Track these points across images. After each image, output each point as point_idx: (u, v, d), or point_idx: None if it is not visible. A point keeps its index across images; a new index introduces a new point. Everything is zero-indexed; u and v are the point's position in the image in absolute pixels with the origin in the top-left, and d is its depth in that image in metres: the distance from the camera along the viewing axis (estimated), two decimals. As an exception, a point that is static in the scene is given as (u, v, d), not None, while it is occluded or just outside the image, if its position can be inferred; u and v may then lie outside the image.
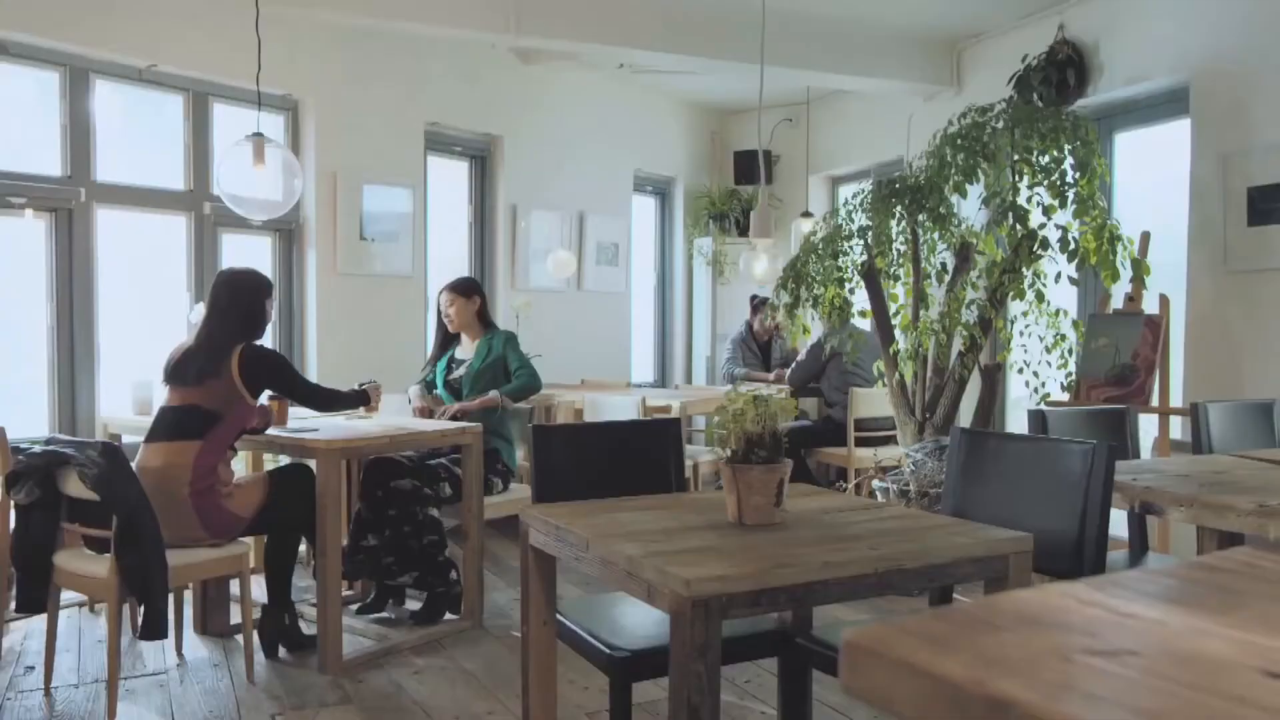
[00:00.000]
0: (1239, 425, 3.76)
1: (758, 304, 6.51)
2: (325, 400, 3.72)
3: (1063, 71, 5.21)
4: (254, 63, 3.73)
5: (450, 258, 6.39)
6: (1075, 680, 0.47)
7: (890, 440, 5.18)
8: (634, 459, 2.77)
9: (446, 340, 4.42)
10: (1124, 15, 5.04)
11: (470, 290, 4.37)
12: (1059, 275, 4.25)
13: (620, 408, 4.92)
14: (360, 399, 3.83)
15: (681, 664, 1.71)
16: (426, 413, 4.27)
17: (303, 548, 3.73)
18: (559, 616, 2.38)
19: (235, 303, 3.42)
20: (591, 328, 6.86)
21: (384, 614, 3.94)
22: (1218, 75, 4.59)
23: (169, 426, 3.29)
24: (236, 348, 3.33)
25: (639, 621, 2.39)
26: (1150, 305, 4.67)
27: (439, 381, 4.38)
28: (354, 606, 3.97)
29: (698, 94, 7.49)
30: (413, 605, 3.94)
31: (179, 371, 3.34)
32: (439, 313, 4.41)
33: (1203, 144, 4.66)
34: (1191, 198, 4.72)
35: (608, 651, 2.20)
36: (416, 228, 5.90)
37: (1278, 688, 0.48)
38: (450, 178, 6.42)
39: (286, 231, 5.49)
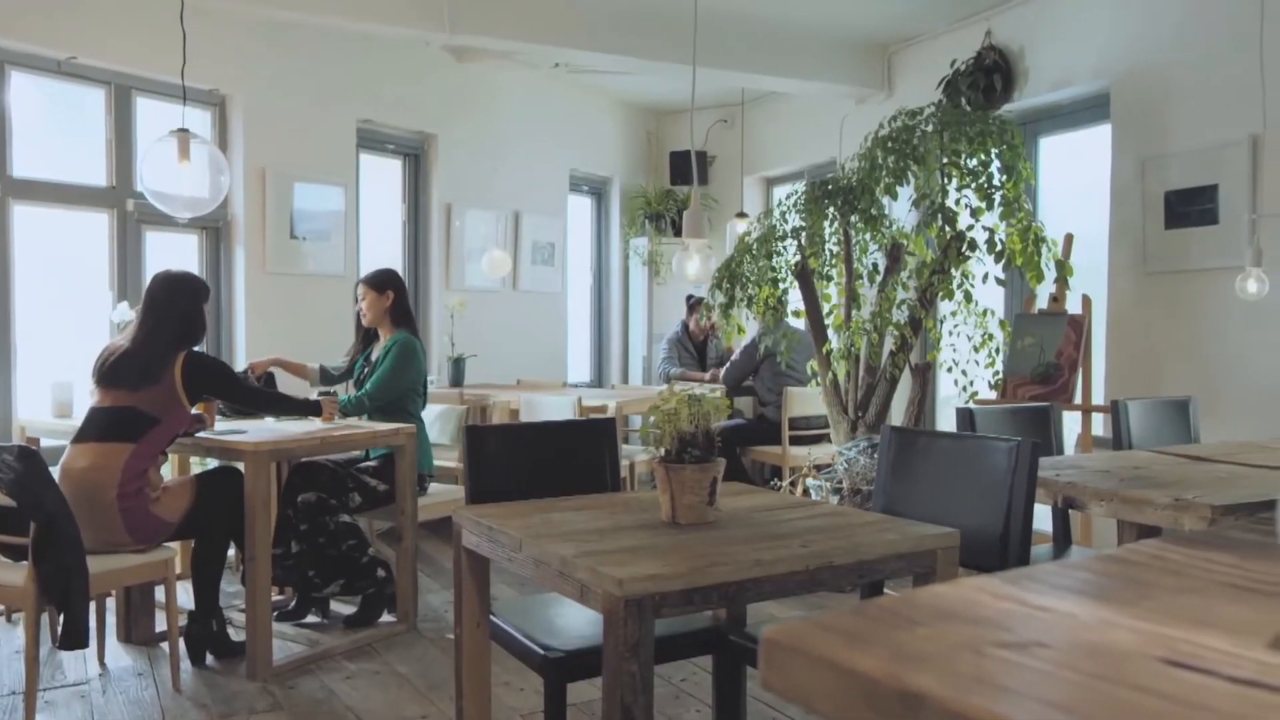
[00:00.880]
0: (1157, 422, 3.88)
1: (693, 304, 6.54)
2: (269, 402, 3.68)
3: (990, 76, 5.32)
4: (179, 56, 3.64)
5: (383, 257, 6.31)
6: (986, 673, 0.48)
7: (824, 439, 5.25)
8: (568, 459, 2.77)
9: (368, 336, 4.26)
10: (1047, 22, 5.17)
11: (384, 284, 4.16)
12: (986, 276, 4.34)
13: (556, 408, 4.90)
14: (311, 408, 3.76)
15: (614, 663, 1.71)
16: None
17: (231, 552, 3.65)
18: (493, 618, 2.37)
19: (173, 306, 3.35)
20: (527, 328, 6.83)
21: (313, 619, 3.87)
22: (1136, 82, 4.73)
23: (101, 427, 3.20)
24: (180, 354, 3.28)
25: (574, 622, 2.39)
26: (1073, 305, 4.79)
27: (354, 380, 4.26)
28: (276, 611, 3.89)
29: (634, 94, 7.50)
30: (346, 609, 3.88)
31: (115, 373, 3.25)
32: (355, 306, 4.26)
33: (1123, 149, 4.80)
34: (1112, 201, 4.85)
35: (542, 652, 2.19)
36: (348, 226, 5.81)
37: (1178, 676, 0.50)
38: (383, 176, 6.34)
39: (214, 229, 5.37)
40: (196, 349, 3.39)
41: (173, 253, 5.13)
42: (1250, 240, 3.98)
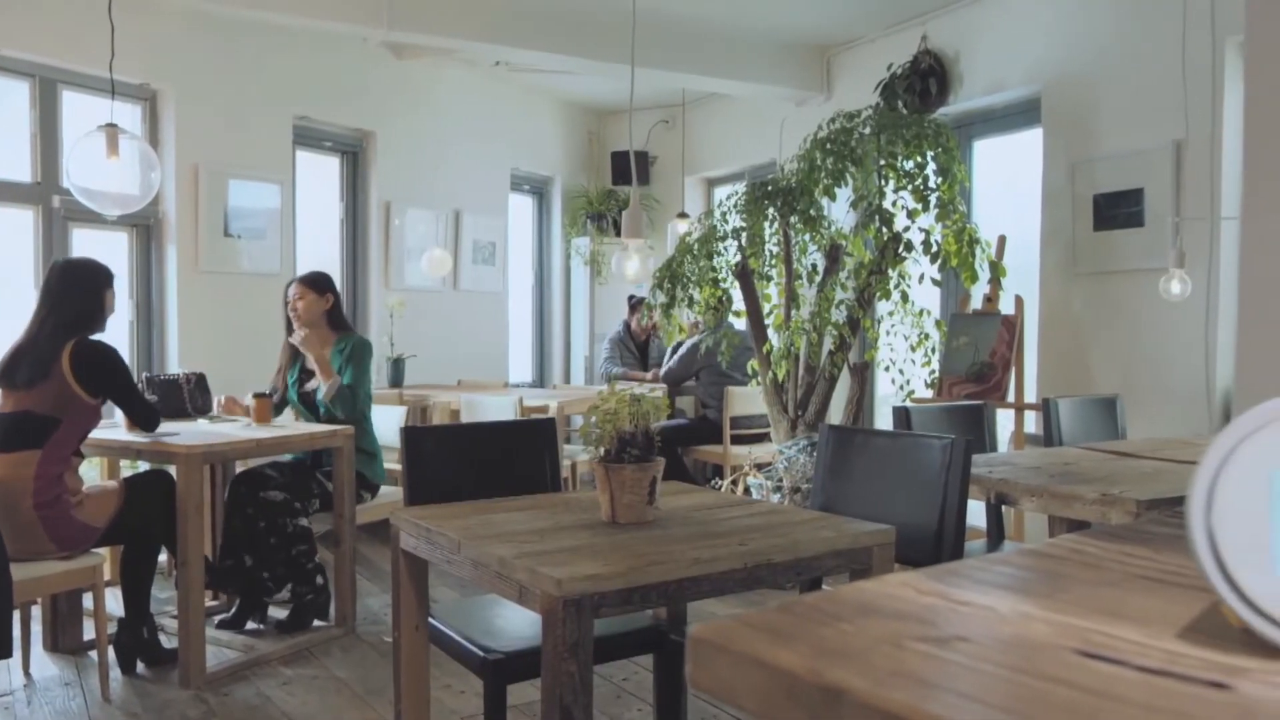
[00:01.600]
0: (1086, 419, 3.98)
1: (635, 303, 6.56)
2: (147, 418, 3.40)
3: (925, 80, 5.41)
4: (107, 49, 3.55)
5: (321, 255, 6.22)
6: (906, 667, 0.49)
7: (765, 438, 5.29)
8: (508, 460, 2.76)
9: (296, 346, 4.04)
10: (981, 28, 5.28)
11: (325, 286, 4.02)
12: (922, 277, 4.42)
13: (497, 408, 4.88)
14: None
15: (553, 664, 1.71)
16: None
17: (163, 557, 3.57)
18: (432, 621, 2.35)
19: (69, 294, 3.17)
20: (468, 328, 6.79)
21: (250, 625, 3.80)
22: (1066, 88, 4.85)
23: (6, 435, 3.06)
24: (68, 344, 3.10)
25: (514, 623, 2.38)
26: (1007, 306, 4.90)
27: (293, 395, 4.07)
28: (216, 619, 3.82)
29: (576, 94, 7.49)
30: (281, 613, 3.82)
31: (11, 372, 3.10)
32: (285, 307, 4.04)
33: (1053, 152, 4.91)
34: (1043, 203, 4.97)
35: (481, 654, 2.18)
36: (285, 224, 5.72)
37: (1090, 666, 0.52)
38: (320, 173, 6.25)
39: (144, 227, 5.25)
40: (91, 338, 3.18)
41: (102, 250, 4.99)
42: (1173, 242, 4.10)
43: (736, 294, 4.79)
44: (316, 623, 3.78)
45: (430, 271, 6.32)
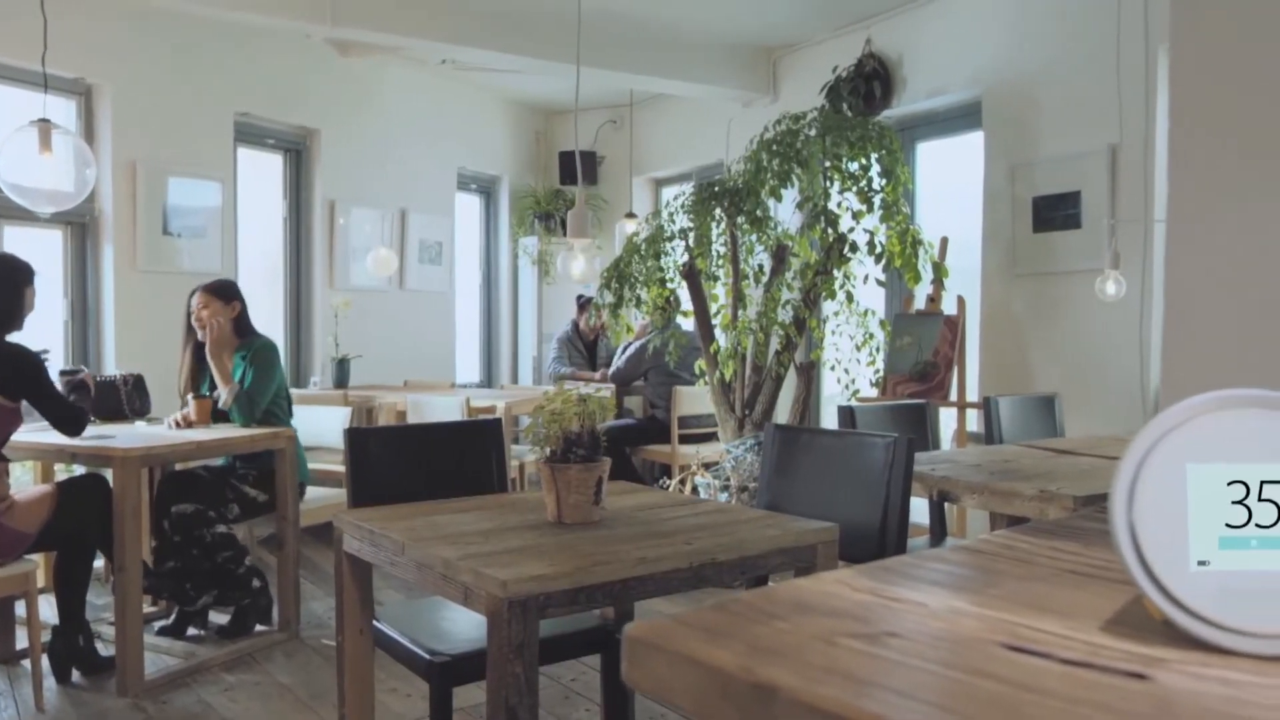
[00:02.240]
0: (1026, 417, 4.06)
1: (584, 302, 6.55)
2: (68, 419, 3.25)
3: (869, 83, 5.48)
4: (39, 42, 3.45)
5: (263, 254, 6.13)
6: (837, 663, 0.50)
7: (713, 437, 5.32)
8: (455, 460, 2.74)
9: (200, 350, 3.89)
10: (924, 33, 5.35)
11: (232, 294, 3.91)
12: (867, 277, 4.47)
13: (444, 409, 4.84)
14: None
15: (499, 665, 1.71)
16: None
17: (99, 563, 3.49)
18: (377, 624, 2.33)
19: None
20: (414, 328, 6.73)
21: (190, 631, 3.73)
22: (1006, 92, 4.94)
23: None
24: None
25: (460, 625, 2.37)
26: (949, 306, 4.98)
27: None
28: (156, 625, 3.75)
29: (523, 93, 7.47)
30: (222, 619, 3.76)
31: None
32: (188, 317, 3.90)
33: (994, 155, 5.00)
34: (984, 205, 5.06)
35: (427, 657, 2.17)
36: (226, 223, 5.62)
37: (1016, 659, 0.53)
38: (263, 171, 6.15)
39: (79, 225, 5.13)
40: (8, 339, 3.09)
41: (35, 248, 4.87)
42: (1109, 244, 4.20)
43: (684, 294, 4.81)
44: (259, 627, 3.72)
45: (376, 271, 6.26)
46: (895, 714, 0.43)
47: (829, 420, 6.06)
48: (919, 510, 4.34)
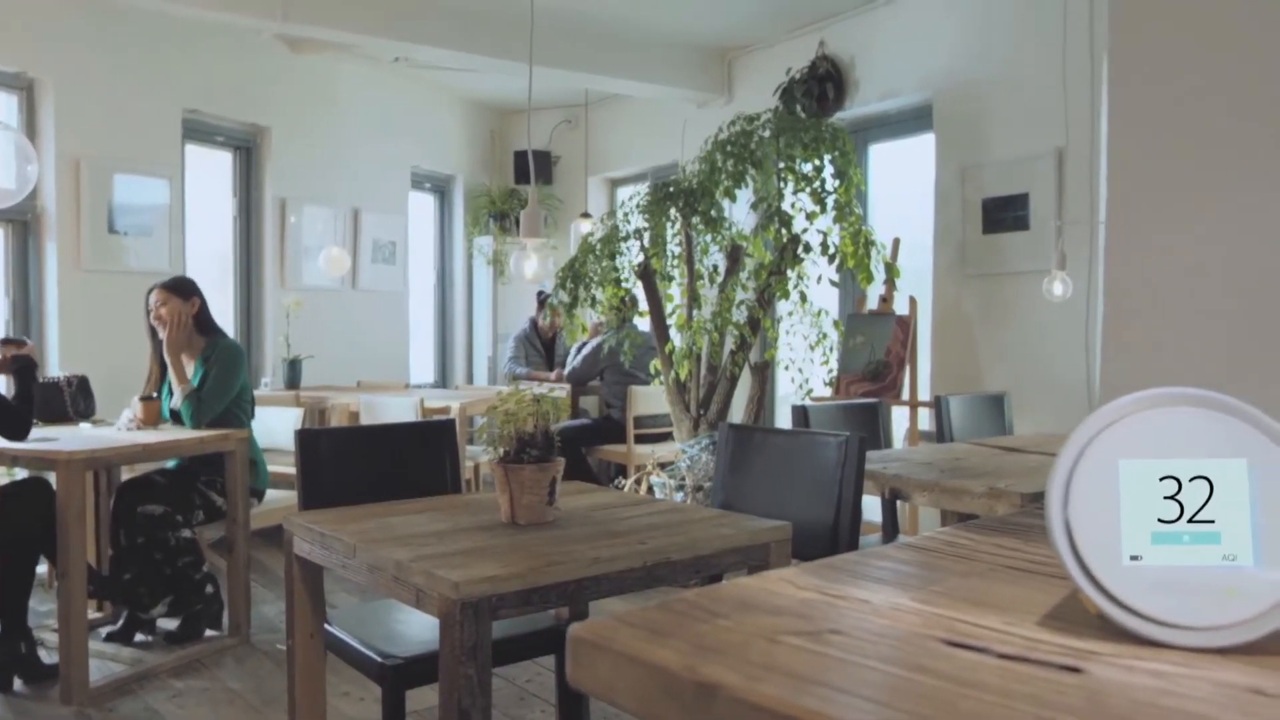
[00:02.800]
0: (976, 415, 4.12)
1: (544, 299, 6.52)
2: (21, 428, 3.16)
3: (823, 85, 5.53)
4: (-22, 36, 3.38)
5: (213, 253, 6.04)
6: (779, 661, 0.51)
7: (668, 437, 5.33)
8: (408, 462, 2.72)
9: (163, 350, 3.81)
10: (876, 36, 5.41)
11: (190, 290, 3.82)
12: (820, 277, 4.51)
13: (398, 409, 4.80)
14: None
15: (451, 668, 1.70)
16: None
17: (43, 568, 3.41)
18: (329, 627, 2.30)
19: None
20: (368, 328, 6.67)
21: (139, 637, 3.66)
22: (956, 95, 5.01)
23: None
24: None
25: (414, 627, 2.35)
26: (901, 306, 5.04)
27: (164, 408, 3.84)
28: (103, 631, 3.67)
29: (478, 92, 7.43)
30: (169, 625, 3.69)
31: None
32: (148, 316, 3.81)
33: (945, 157, 5.07)
34: (936, 207, 5.12)
35: (379, 660, 2.15)
36: (174, 221, 5.52)
37: (954, 655, 0.54)
38: (212, 168, 6.06)
39: (21, 222, 5.01)
40: None
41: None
42: (1056, 245, 4.27)
43: (639, 294, 4.81)
44: (209, 632, 3.66)
45: (328, 270, 6.19)
46: (833, 710, 0.44)
47: (783, 419, 6.10)
48: (872, 508, 4.39)
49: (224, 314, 6.03)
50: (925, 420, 4.94)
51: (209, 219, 6.02)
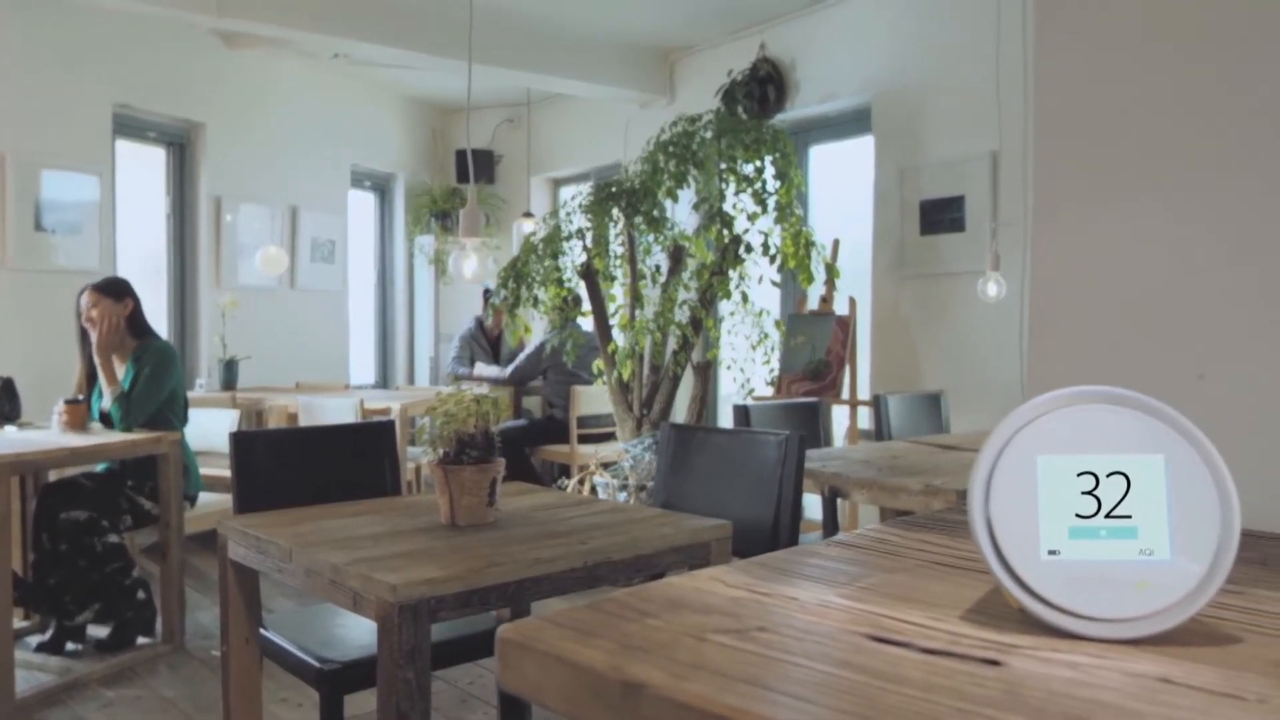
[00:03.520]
0: (914, 414, 4.19)
1: (491, 297, 6.47)
2: None
3: (764, 87, 5.57)
4: (-105, 26, 3.26)
5: (145, 252, 5.90)
6: (705, 659, 0.51)
7: (611, 436, 5.33)
8: (346, 464, 2.69)
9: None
10: (816, 39, 5.47)
11: (122, 291, 3.73)
12: (761, 278, 4.55)
13: (337, 410, 4.74)
14: None
15: (389, 671, 1.68)
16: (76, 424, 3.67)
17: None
18: (266, 632, 2.26)
19: None
20: (306, 327, 6.56)
21: (69, 645, 3.57)
22: (894, 98, 5.08)
23: None
24: None
25: (353, 631, 2.32)
26: (841, 306, 5.10)
27: (95, 410, 3.76)
28: (32, 641, 3.57)
29: (419, 90, 7.35)
30: (99, 633, 3.60)
31: None
32: (79, 318, 3.72)
33: (883, 159, 5.14)
34: (875, 208, 5.19)
35: (317, 665, 2.12)
36: (104, 218, 5.39)
37: (878, 650, 0.55)
38: (145, 165, 5.92)
39: (-57, 220, 4.85)
40: None
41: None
42: (990, 247, 4.36)
43: (583, 294, 4.81)
44: (141, 640, 3.58)
45: (265, 270, 6.09)
46: (757, 707, 0.44)
47: (726, 418, 6.14)
48: (813, 506, 4.45)
49: (157, 314, 5.90)
50: (865, 419, 5.01)
51: (141, 217, 5.89)
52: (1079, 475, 0.63)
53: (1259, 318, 0.95)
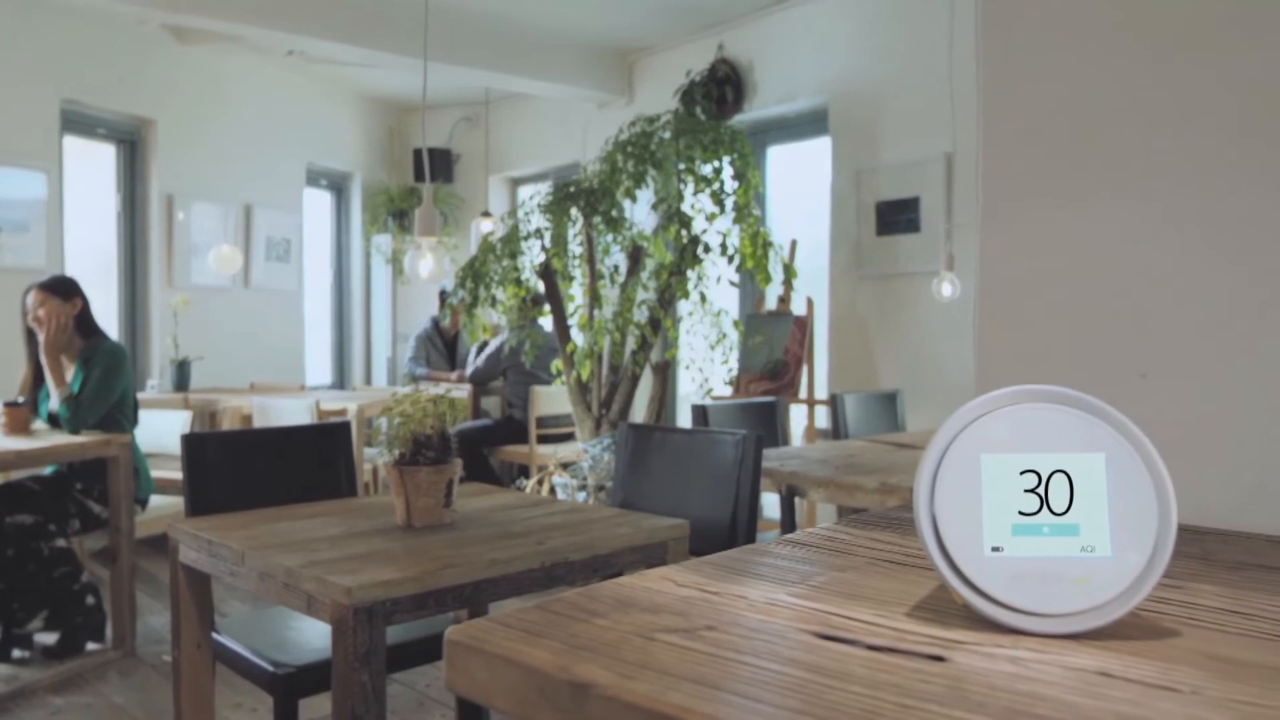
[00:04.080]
0: (871, 412, 4.23)
1: (447, 298, 6.43)
2: None
3: (722, 88, 5.59)
4: None
5: (95, 250, 5.80)
6: (653, 659, 0.51)
7: (570, 437, 5.32)
8: (302, 466, 2.66)
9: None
10: (773, 41, 5.50)
11: (70, 291, 3.66)
12: (720, 278, 4.57)
13: (292, 412, 4.68)
14: None
15: (344, 675, 1.67)
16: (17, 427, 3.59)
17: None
18: (219, 637, 2.23)
19: None
20: (261, 328, 6.48)
21: (15, 653, 3.49)
22: (851, 100, 5.13)
23: None
24: None
25: (307, 635, 2.30)
26: (799, 306, 5.13)
27: (42, 412, 3.69)
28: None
29: (375, 88, 7.29)
30: (47, 639, 3.53)
31: None
32: (25, 317, 3.65)
33: (840, 160, 5.18)
34: (832, 209, 5.23)
35: (271, 669, 2.10)
36: (51, 216, 5.28)
37: (825, 647, 0.55)
38: (94, 162, 5.81)
39: (-118, 217, 4.73)
40: None
41: None
42: (945, 247, 4.41)
43: (541, 294, 4.80)
44: (91, 646, 3.51)
45: (218, 269, 6.01)
46: (702, 705, 0.45)
47: (685, 418, 6.15)
48: (772, 505, 4.47)
49: (107, 313, 5.80)
50: (822, 418, 5.04)
51: (90, 215, 5.78)
52: (1022, 474, 0.64)
53: (1199, 317, 0.97)
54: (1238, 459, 0.95)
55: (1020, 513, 0.63)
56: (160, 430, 4.40)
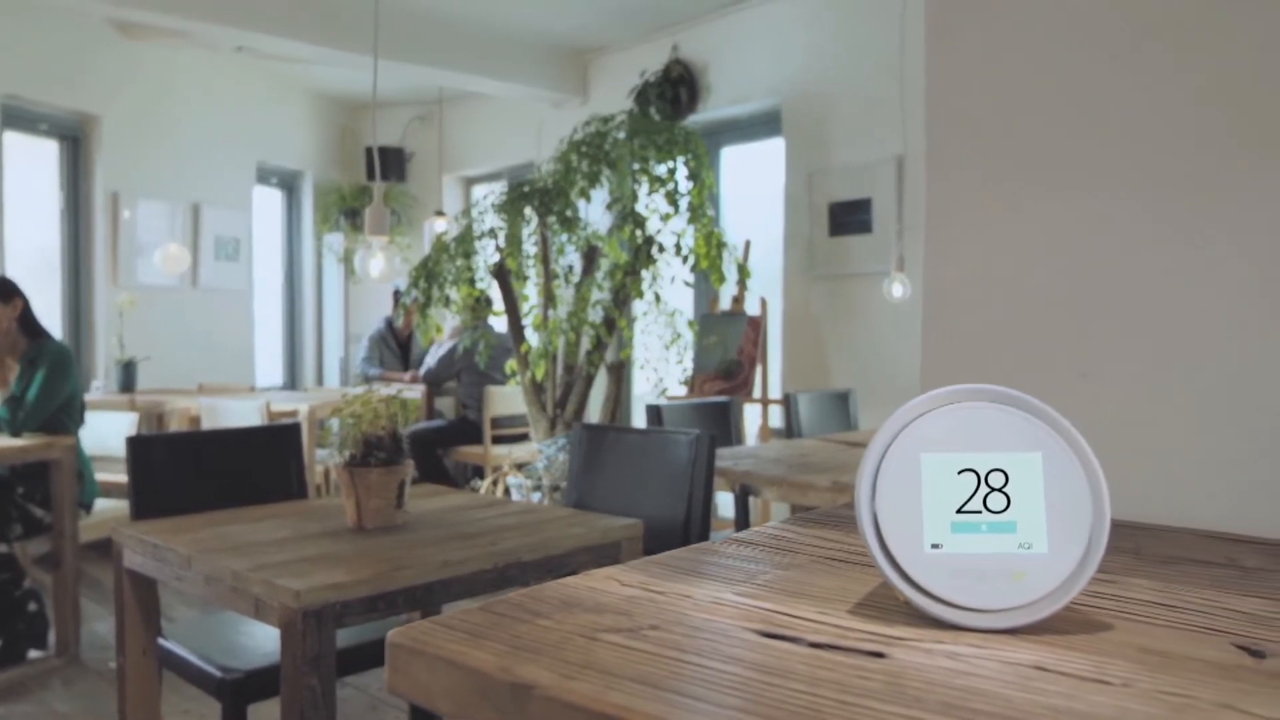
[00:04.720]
0: (823, 412, 4.26)
1: (402, 297, 6.38)
2: None
3: (676, 88, 5.61)
4: None
5: (36, 249, 5.67)
6: (595, 658, 0.52)
7: (525, 437, 5.31)
8: (250, 468, 2.63)
9: None
10: (727, 41, 5.53)
11: (11, 292, 3.58)
12: (674, 278, 4.58)
13: (242, 413, 4.62)
14: None
15: (293, 679, 1.65)
16: None
17: None
18: (166, 642, 2.20)
19: None
20: (210, 328, 6.38)
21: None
22: (803, 102, 5.17)
23: None
24: None
25: (256, 639, 2.27)
26: (753, 306, 5.16)
27: None
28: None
29: (327, 85, 7.21)
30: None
31: None
32: None
33: (794, 161, 5.22)
34: (785, 210, 5.27)
35: (218, 675, 2.07)
36: (-8, 215, 5.16)
37: (768, 645, 0.56)
38: (35, 159, 5.69)
39: None
40: None
41: None
42: (895, 248, 4.46)
43: (496, 294, 4.78)
44: (33, 653, 3.44)
45: (165, 268, 5.91)
46: (642, 705, 0.45)
47: (640, 418, 6.16)
48: (726, 504, 4.49)
49: (50, 313, 5.67)
50: (776, 417, 5.08)
51: (32, 212, 5.65)
52: (960, 473, 0.65)
53: (1137, 318, 0.99)
54: (1171, 456, 0.97)
55: (959, 510, 0.65)
56: (105, 432, 4.32)
